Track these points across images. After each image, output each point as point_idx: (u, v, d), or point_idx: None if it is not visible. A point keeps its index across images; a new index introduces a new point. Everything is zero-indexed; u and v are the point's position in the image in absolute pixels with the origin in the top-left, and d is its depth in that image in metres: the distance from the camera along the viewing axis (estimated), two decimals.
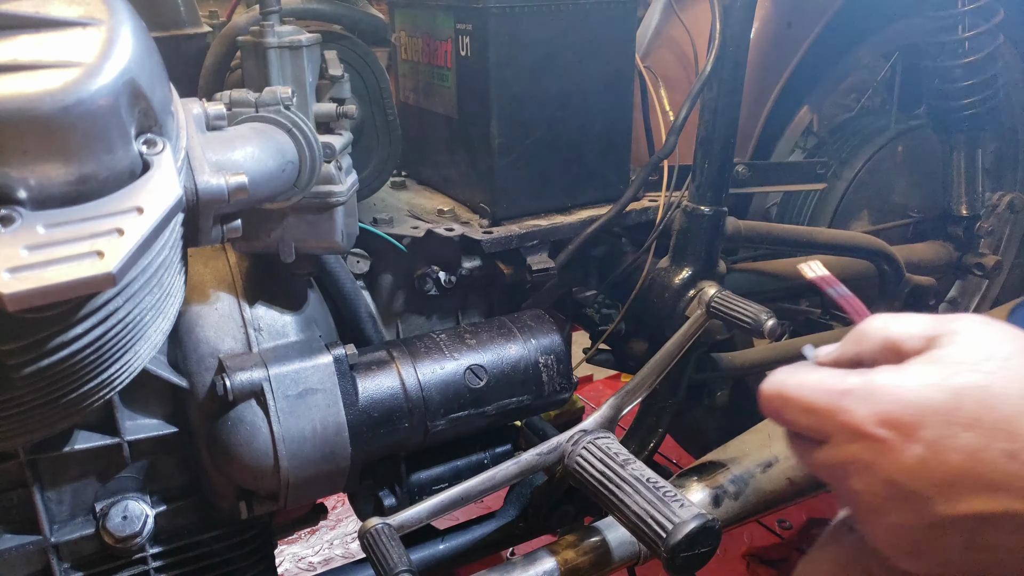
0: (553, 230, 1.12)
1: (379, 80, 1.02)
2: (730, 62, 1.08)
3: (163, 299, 0.67)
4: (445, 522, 1.02)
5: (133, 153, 0.56)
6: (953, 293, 2.00)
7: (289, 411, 0.87)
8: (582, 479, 0.88)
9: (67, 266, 0.48)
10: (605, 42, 1.12)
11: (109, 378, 0.66)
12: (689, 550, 0.75)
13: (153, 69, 0.59)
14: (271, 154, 0.75)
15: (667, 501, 0.78)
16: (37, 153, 0.50)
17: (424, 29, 1.19)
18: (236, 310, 0.93)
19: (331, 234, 0.87)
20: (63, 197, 0.52)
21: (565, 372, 1.04)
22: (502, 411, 1.00)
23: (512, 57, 1.06)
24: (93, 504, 0.87)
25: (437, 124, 1.22)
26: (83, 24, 0.55)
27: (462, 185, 1.20)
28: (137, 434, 0.87)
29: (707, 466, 1.12)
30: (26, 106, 0.49)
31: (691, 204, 1.15)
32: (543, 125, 1.11)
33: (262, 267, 0.96)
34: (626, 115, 1.18)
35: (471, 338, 1.01)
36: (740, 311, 1.03)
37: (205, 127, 0.71)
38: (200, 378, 0.89)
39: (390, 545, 0.80)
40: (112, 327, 0.61)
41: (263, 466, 0.87)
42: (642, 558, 0.99)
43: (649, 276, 1.20)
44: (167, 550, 0.91)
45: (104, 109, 0.52)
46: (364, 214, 1.10)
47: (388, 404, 0.93)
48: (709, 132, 1.11)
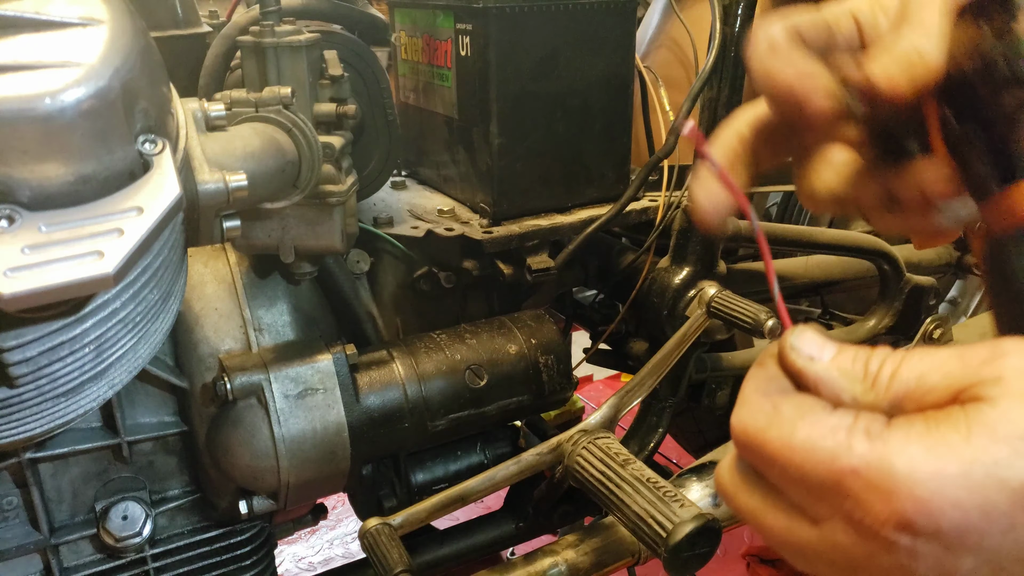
0: (553, 230, 1.12)
1: (379, 80, 1.02)
2: (730, 62, 1.08)
3: (163, 299, 0.67)
4: (445, 522, 1.02)
5: (133, 153, 0.56)
6: (953, 293, 2.00)
7: (289, 411, 0.87)
8: (582, 479, 0.88)
9: (66, 266, 0.48)
10: (605, 42, 1.12)
11: (109, 378, 0.66)
12: (689, 550, 0.75)
13: (153, 69, 0.59)
14: (271, 154, 0.75)
15: (667, 501, 0.78)
16: (37, 153, 0.50)
17: (424, 29, 1.19)
18: (236, 310, 0.93)
19: (331, 234, 0.87)
20: (63, 197, 0.52)
21: (565, 372, 1.04)
22: (502, 411, 1.00)
23: (512, 57, 1.06)
24: (93, 504, 0.88)
25: (437, 124, 1.21)
26: (83, 24, 0.55)
27: (462, 185, 1.19)
28: (137, 434, 0.87)
29: (707, 466, 1.12)
30: (26, 106, 0.49)
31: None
32: (543, 125, 1.11)
33: (262, 267, 0.96)
34: (626, 115, 1.18)
35: (471, 338, 1.01)
36: (740, 311, 1.03)
37: (205, 127, 0.71)
38: (200, 378, 0.89)
39: (390, 545, 0.80)
40: (112, 327, 0.61)
41: (263, 466, 0.87)
42: (642, 558, 0.99)
43: (649, 276, 1.20)
44: (167, 550, 0.92)
45: (104, 109, 0.52)
46: (364, 214, 1.10)
47: (388, 404, 0.93)
48: (709, 132, 1.11)
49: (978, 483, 0.31)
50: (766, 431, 0.36)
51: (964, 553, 0.32)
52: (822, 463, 0.34)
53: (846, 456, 0.33)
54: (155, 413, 0.89)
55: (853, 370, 0.36)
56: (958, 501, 0.31)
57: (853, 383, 0.36)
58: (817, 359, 0.37)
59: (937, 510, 0.31)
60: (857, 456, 0.33)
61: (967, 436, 0.31)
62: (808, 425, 0.35)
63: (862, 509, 0.33)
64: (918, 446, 0.32)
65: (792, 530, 0.36)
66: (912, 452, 0.32)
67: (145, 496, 0.89)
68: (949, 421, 0.32)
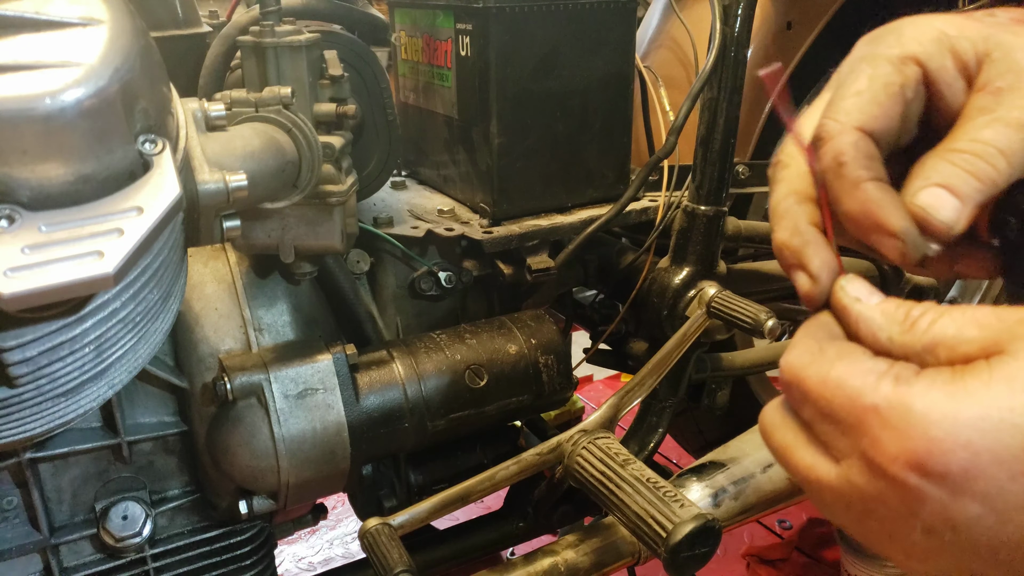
0: (553, 230, 1.12)
1: (379, 80, 1.02)
2: (730, 62, 1.08)
3: (163, 299, 0.67)
4: (445, 522, 1.02)
5: (133, 153, 0.56)
6: (953, 293, 2.00)
7: (289, 411, 0.87)
8: (582, 479, 0.88)
9: (66, 266, 0.48)
10: (605, 42, 1.12)
11: (109, 378, 0.66)
12: (689, 550, 0.75)
13: (153, 69, 0.59)
14: (271, 154, 0.75)
15: (667, 501, 0.78)
16: (37, 153, 0.50)
17: (424, 29, 1.19)
18: (236, 310, 0.93)
19: (331, 234, 0.87)
20: (63, 197, 0.52)
21: (565, 372, 1.04)
22: (502, 411, 1.00)
23: (512, 57, 1.06)
24: (93, 504, 0.88)
25: (437, 124, 1.21)
26: (83, 24, 0.55)
27: (462, 185, 1.19)
28: (137, 434, 0.87)
29: (707, 466, 1.12)
30: (26, 106, 0.49)
31: (691, 204, 1.15)
32: (543, 125, 1.11)
33: (262, 267, 0.96)
34: (626, 115, 1.18)
35: (471, 338, 1.01)
36: (740, 311, 1.03)
37: (205, 127, 0.71)
38: (200, 378, 0.89)
39: (390, 545, 0.80)
40: (112, 327, 0.61)
41: (263, 466, 0.87)
42: (642, 558, 0.99)
43: (649, 276, 1.20)
44: (167, 550, 0.92)
45: (104, 109, 0.52)
46: (364, 214, 1.10)
47: (388, 404, 0.93)
48: (709, 132, 1.11)
49: (992, 426, 0.31)
50: (807, 367, 0.37)
51: (970, 500, 0.32)
52: (849, 399, 0.35)
53: (871, 394, 0.34)
54: (155, 413, 0.89)
55: (895, 314, 0.37)
56: (970, 442, 0.31)
57: (892, 324, 0.37)
58: (864, 301, 0.38)
59: (949, 450, 0.32)
60: (881, 395, 0.34)
61: (988, 383, 0.32)
62: (845, 365, 0.36)
63: (877, 447, 0.33)
64: (940, 392, 0.33)
65: (815, 468, 0.37)
66: (933, 396, 0.33)
67: (145, 496, 0.89)
68: (973, 371, 0.33)
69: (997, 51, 0.39)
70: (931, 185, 0.38)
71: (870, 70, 0.40)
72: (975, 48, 0.40)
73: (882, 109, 0.39)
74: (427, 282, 1.10)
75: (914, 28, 0.41)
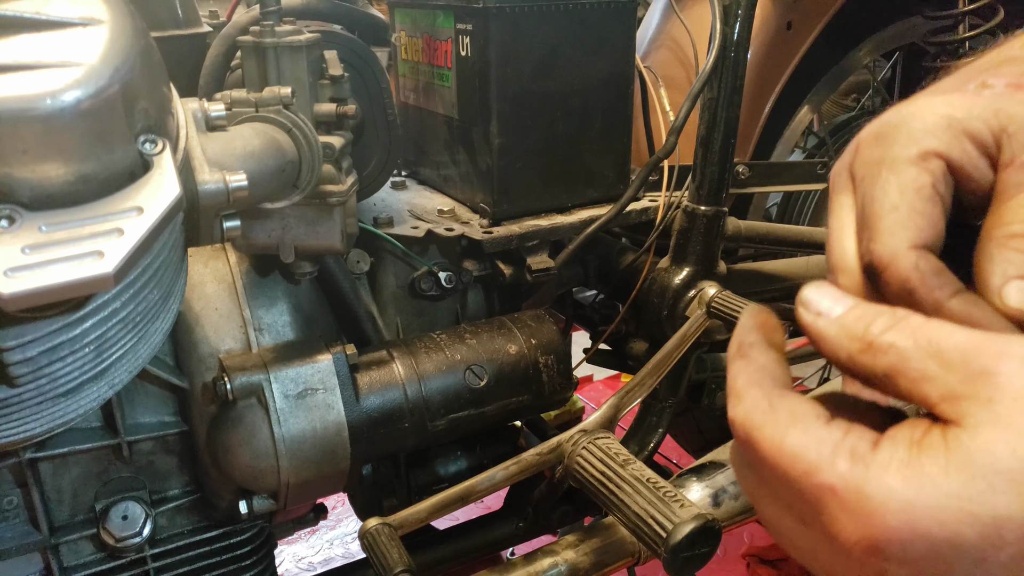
0: (553, 230, 1.12)
1: (379, 80, 1.02)
2: (730, 62, 1.08)
3: (163, 299, 0.67)
4: (445, 522, 1.02)
5: (133, 153, 0.56)
6: None
7: (289, 411, 0.87)
8: (582, 479, 0.88)
9: (66, 266, 0.48)
10: (605, 42, 1.12)
11: (109, 378, 0.66)
12: (689, 550, 0.75)
13: (153, 69, 0.59)
14: (271, 154, 0.75)
15: (667, 501, 0.78)
16: (37, 153, 0.50)
17: (424, 29, 1.19)
18: (236, 310, 0.93)
19: (331, 234, 0.87)
20: (63, 197, 0.52)
21: (565, 372, 1.04)
22: (502, 411, 1.00)
23: (512, 57, 1.06)
24: (93, 504, 0.88)
25: (437, 124, 1.21)
26: (83, 24, 0.55)
27: (462, 185, 1.19)
28: (137, 434, 0.87)
29: (707, 466, 1.12)
30: (26, 106, 0.49)
31: (691, 204, 1.15)
32: (543, 125, 1.11)
33: (262, 267, 0.96)
34: (626, 115, 1.18)
35: (471, 338, 1.01)
36: (740, 311, 1.02)
37: (205, 127, 0.71)
38: (200, 378, 0.89)
39: (390, 545, 0.80)
40: (112, 327, 0.61)
41: (263, 466, 0.87)
42: (642, 558, 0.99)
43: (649, 276, 1.20)
44: (167, 550, 0.92)
45: (104, 109, 0.52)
46: (364, 214, 1.10)
47: (388, 404, 0.93)
48: (709, 132, 1.11)
49: (951, 517, 0.30)
50: (760, 429, 0.36)
51: None
52: (805, 474, 0.34)
53: (828, 472, 0.33)
54: (155, 413, 0.89)
55: (853, 329, 0.35)
56: (928, 533, 0.31)
57: (851, 342, 0.35)
58: (826, 314, 0.37)
59: (907, 540, 0.31)
60: (837, 475, 0.33)
61: (945, 469, 0.31)
62: (799, 432, 0.35)
63: (836, 527, 0.33)
64: (896, 476, 0.32)
65: (783, 520, 0.37)
66: (889, 481, 0.32)
67: (145, 496, 0.89)
68: (930, 454, 0.32)
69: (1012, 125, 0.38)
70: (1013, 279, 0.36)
71: (895, 178, 0.38)
72: (989, 127, 0.39)
73: (925, 218, 0.38)
74: (427, 282, 1.10)
75: (921, 120, 0.39)
